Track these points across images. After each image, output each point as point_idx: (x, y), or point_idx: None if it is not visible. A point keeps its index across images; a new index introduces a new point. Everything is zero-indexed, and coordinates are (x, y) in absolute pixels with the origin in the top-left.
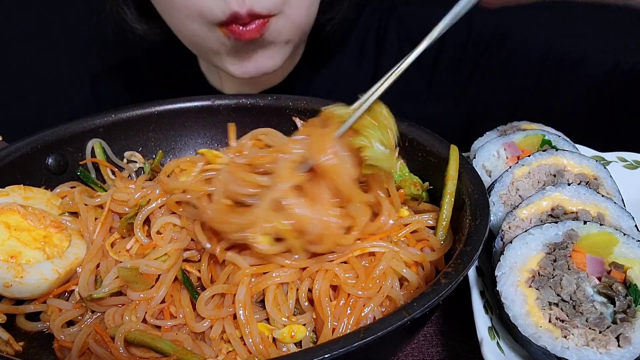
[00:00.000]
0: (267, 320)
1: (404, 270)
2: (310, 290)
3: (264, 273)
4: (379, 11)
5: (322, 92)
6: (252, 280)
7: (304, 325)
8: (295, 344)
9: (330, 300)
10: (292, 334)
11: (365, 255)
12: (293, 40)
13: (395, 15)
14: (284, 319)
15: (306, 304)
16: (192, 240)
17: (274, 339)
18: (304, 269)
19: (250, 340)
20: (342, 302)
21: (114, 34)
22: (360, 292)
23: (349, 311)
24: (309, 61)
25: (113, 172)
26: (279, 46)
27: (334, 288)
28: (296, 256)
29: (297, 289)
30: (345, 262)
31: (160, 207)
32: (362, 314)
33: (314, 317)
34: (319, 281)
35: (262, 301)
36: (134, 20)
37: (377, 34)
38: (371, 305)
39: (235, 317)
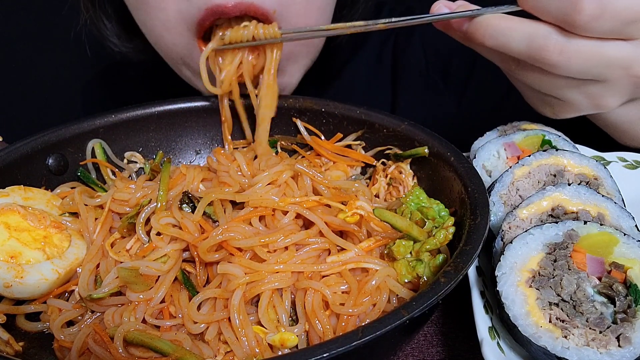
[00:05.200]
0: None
1: (402, 290)
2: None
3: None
4: (397, 13)
5: (339, 96)
6: (247, 285)
7: (297, 335)
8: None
9: (324, 310)
10: (282, 343)
11: (359, 270)
12: (304, 59)
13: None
14: (274, 327)
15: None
16: None
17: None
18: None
19: (246, 342)
20: (334, 319)
21: (92, 50)
22: (351, 310)
23: (343, 324)
24: (324, 66)
25: (113, 173)
26: (293, 66)
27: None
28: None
29: (293, 296)
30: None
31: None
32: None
33: (306, 329)
34: (310, 295)
35: (258, 302)
36: (114, 36)
37: (396, 37)
38: (367, 321)
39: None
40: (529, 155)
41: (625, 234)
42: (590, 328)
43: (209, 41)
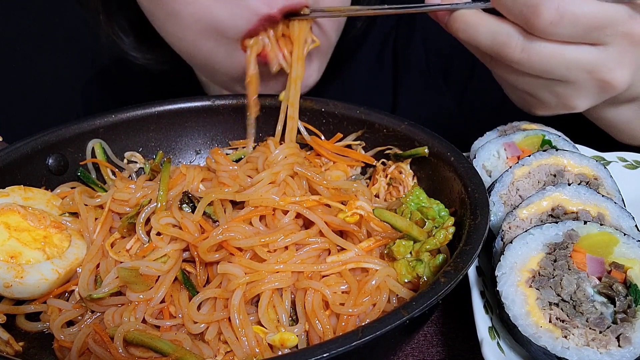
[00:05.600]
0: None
1: (402, 290)
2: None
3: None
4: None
5: (339, 96)
6: (247, 285)
7: (297, 335)
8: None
9: (324, 310)
10: (282, 343)
11: (358, 270)
12: (329, 47)
13: (414, 16)
14: (274, 327)
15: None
16: None
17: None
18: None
19: (246, 342)
20: (334, 319)
21: (92, 50)
22: (351, 310)
23: (343, 324)
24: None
25: (113, 173)
26: (317, 59)
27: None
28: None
29: (293, 296)
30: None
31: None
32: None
33: (306, 329)
34: (310, 295)
35: (258, 302)
36: (133, 49)
37: (396, 37)
38: (367, 321)
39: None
40: (529, 155)
41: (625, 234)
42: (590, 328)
43: None
